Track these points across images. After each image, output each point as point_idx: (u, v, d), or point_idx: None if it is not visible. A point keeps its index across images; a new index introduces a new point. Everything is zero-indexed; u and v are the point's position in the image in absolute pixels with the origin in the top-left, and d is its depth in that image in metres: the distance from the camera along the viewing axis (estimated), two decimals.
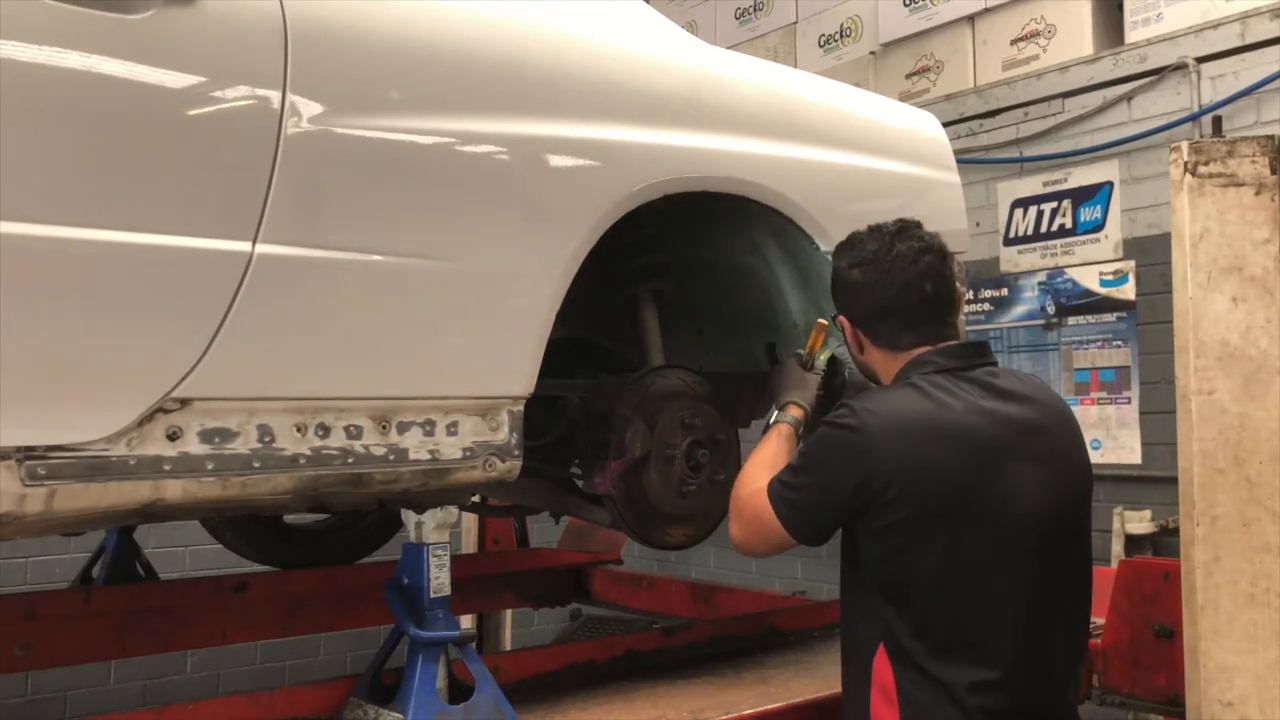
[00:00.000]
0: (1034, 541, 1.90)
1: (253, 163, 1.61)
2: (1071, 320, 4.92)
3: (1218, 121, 3.97)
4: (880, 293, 2.01)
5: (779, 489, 1.96)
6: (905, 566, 1.88)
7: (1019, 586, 1.89)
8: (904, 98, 5.39)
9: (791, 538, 1.96)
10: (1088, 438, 5.06)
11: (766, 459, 2.08)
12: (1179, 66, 4.56)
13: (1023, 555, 1.90)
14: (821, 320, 2.27)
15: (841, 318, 2.11)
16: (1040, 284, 5.06)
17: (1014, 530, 1.89)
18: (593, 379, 2.39)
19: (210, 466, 1.58)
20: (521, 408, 1.90)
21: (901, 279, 1.99)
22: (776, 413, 2.20)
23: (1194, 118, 4.49)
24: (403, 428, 1.76)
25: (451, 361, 1.83)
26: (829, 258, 2.37)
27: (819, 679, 2.42)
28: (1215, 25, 4.49)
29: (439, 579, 2.00)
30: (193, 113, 1.58)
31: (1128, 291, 4.74)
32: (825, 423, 1.97)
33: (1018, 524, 1.89)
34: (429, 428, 1.79)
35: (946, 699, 1.85)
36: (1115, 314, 4.78)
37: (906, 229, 2.05)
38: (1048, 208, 5.04)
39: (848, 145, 2.52)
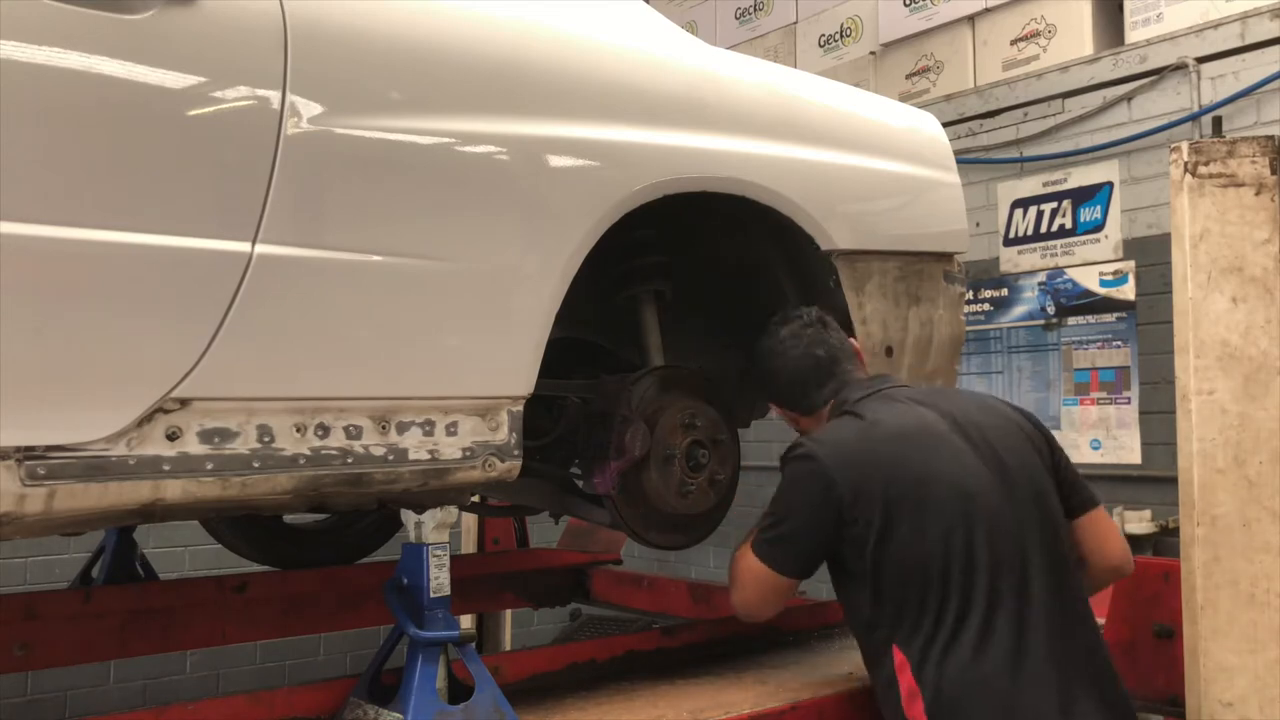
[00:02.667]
0: (988, 505, 2.08)
1: (252, 163, 1.61)
2: (1071, 320, 4.93)
3: (1218, 122, 3.98)
4: (784, 374, 2.33)
5: (759, 539, 2.17)
6: (888, 561, 2.05)
7: (993, 547, 2.05)
8: (904, 98, 5.40)
9: (783, 577, 2.16)
10: (1087, 438, 5.06)
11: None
12: (1179, 67, 4.56)
13: (983, 518, 2.07)
14: None
15: (773, 406, 2.44)
16: (1040, 284, 5.06)
17: (964, 499, 2.07)
18: (592, 379, 2.39)
19: (210, 466, 1.58)
20: (521, 408, 1.90)
21: (794, 355, 2.31)
22: None
23: (1194, 118, 4.49)
24: (402, 428, 1.76)
25: (451, 362, 1.84)
26: (830, 258, 2.39)
27: (818, 679, 2.42)
28: (1215, 25, 4.49)
29: (439, 579, 2.00)
30: (193, 113, 1.58)
31: (1128, 292, 4.74)
32: (783, 462, 2.19)
33: (966, 493, 2.08)
34: (428, 428, 1.79)
35: (959, 666, 1.99)
36: (1115, 314, 4.78)
37: (787, 315, 2.38)
38: (1048, 208, 5.04)
39: (847, 145, 2.52)
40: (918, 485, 2.08)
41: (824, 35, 6.15)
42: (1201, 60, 4.51)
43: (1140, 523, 4.42)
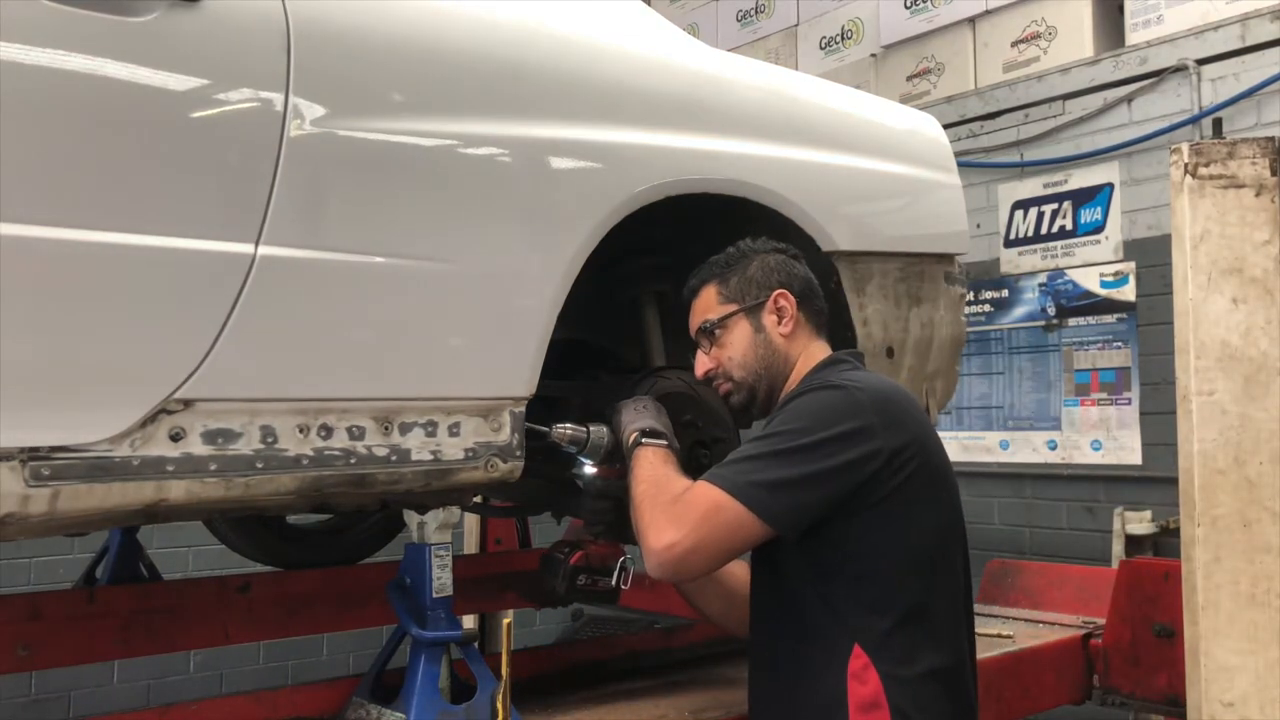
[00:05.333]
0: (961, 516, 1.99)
1: (256, 165, 1.61)
2: (1072, 321, 4.93)
3: (1218, 123, 3.98)
4: (807, 274, 2.11)
5: (744, 475, 1.80)
6: (910, 533, 1.83)
7: (965, 562, 1.98)
8: (905, 99, 5.40)
9: (767, 527, 1.79)
10: (1088, 438, 5.07)
11: (666, 475, 1.92)
12: (1179, 68, 4.57)
13: (963, 529, 1.98)
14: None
15: (782, 292, 2.04)
16: (1041, 285, 5.07)
17: (957, 501, 1.97)
18: (593, 380, 2.40)
19: (213, 467, 1.59)
20: (523, 409, 1.91)
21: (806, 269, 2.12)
22: (637, 435, 2.00)
23: (1194, 119, 4.50)
24: (405, 428, 1.77)
25: (453, 363, 1.84)
26: (831, 259, 2.39)
27: None
28: (1215, 27, 4.50)
29: (441, 579, 2.00)
30: (196, 115, 1.59)
31: (1128, 293, 4.75)
32: (819, 388, 1.90)
33: (956, 496, 1.97)
34: (431, 429, 1.80)
35: (943, 676, 1.83)
36: (1115, 315, 4.79)
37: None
38: (1048, 209, 5.05)
39: (848, 147, 2.53)
40: (944, 464, 1.92)
41: (825, 37, 6.16)
42: (1202, 62, 4.52)
43: (1141, 523, 4.42)
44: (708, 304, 2.09)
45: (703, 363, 2.09)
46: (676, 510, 1.82)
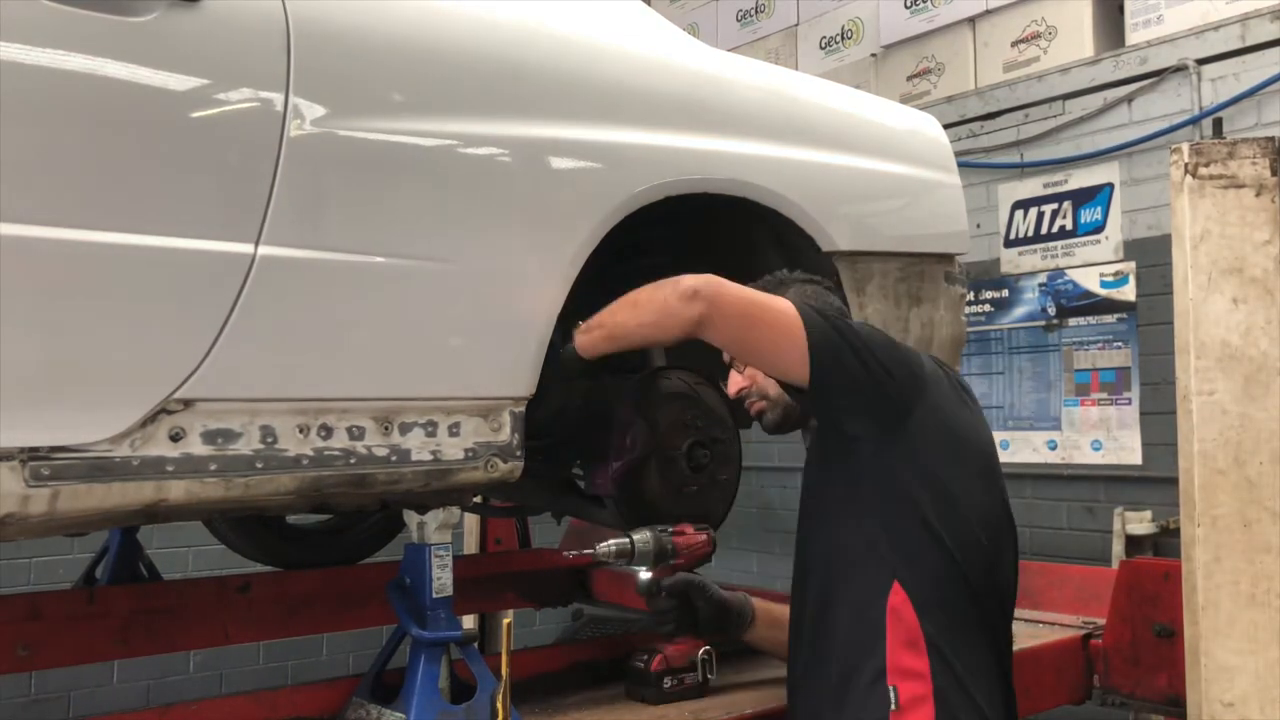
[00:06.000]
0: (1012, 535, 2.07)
1: (256, 165, 1.61)
2: (1072, 321, 4.93)
3: (1218, 123, 3.98)
4: (841, 306, 2.19)
5: (814, 308, 1.88)
6: (950, 492, 1.91)
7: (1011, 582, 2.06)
8: (905, 99, 5.40)
9: (803, 349, 1.81)
10: (1088, 438, 5.05)
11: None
12: (1179, 68, 4.57)
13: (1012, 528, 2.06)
14: None
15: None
16: (1041, 285, 5.07)
17: (1004, 497, 2.05)
18: (593, 380, 2.40)
19: (213, 467, 1.59)
20: (523, 409, 1.91)
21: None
22: None
23: (1195, 120, 4.50)
24: (405, 428, 1.77)
25: (453, 363, 1.84)
26: (831, 259, 2.39)
27: None
28: (1216, 27, 4.50)
29: (441, 579, 2.00)
30: (196, 115, 1.59)
31: (1128, 293, 4.75)
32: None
33: (1003, 490, 2.05)
34: (431, 429, 1.80)
35: (984, 646, 1.90)
36: (1116, 315, 4.79)
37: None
38: (1048, 209, 5.04)
39: (849, 147, 2.53)
40: (989, 451, 2.03)
41: (825, 37, 6.15)
42: (1202, 62, 4.52)
43: (1141, 523, 4.42)
44: None
45: (736, 381, 2.14)
46: (709, 292, 1.88)
